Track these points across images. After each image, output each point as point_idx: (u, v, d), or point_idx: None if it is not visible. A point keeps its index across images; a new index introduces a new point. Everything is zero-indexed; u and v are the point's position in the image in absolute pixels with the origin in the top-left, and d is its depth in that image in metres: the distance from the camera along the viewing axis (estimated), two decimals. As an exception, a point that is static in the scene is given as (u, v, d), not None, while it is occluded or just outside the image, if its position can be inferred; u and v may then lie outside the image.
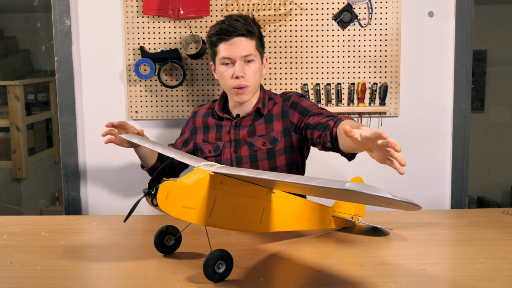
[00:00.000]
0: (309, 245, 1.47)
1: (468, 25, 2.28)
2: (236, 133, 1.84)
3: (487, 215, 1.75)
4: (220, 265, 1.20)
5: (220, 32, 1.74)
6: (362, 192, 0.94)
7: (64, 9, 2.26)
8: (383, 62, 2.28)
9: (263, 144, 1.81)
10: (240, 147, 1.84)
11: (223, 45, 1.75)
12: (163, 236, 1.39)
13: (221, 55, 1.76)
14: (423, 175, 2.36)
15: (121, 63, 2.30)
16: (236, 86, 1.75)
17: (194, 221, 1.24)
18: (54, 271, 1.30)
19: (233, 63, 1.75)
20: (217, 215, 1.26)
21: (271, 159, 1.82)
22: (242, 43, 1.74)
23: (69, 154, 2.33)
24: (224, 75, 1.77)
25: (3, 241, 1.53)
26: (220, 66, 1.78)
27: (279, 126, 1.81)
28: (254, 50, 1.76)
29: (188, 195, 1.21)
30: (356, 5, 2.24)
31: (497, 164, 4.38)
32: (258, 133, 1.83)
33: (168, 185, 1.20)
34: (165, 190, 1.19)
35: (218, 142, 1.87)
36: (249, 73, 1.75)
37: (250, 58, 1.75)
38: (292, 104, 1.81)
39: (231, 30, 1.73)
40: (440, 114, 2.34)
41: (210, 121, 1.91)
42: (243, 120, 1.84)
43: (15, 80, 3.69)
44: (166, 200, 1.20)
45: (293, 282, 1.22)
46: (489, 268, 1.29)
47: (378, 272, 1.27)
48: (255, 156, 1.83)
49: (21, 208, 3.68)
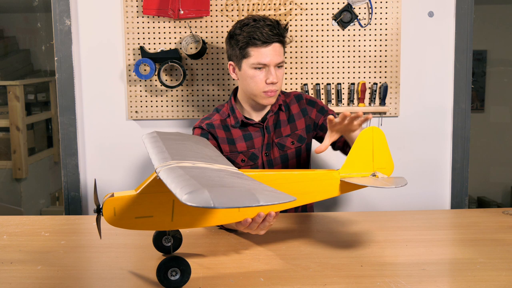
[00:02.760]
0: (309, 245, 1.47)
1: (468, 25, 2.28)
2: (268, 137, 1.86)
3: (487, 215, 1.75)
4: (174, 272, 1.18)
5: (256, 37, 1.72)
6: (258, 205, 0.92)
7: (64, 9, 2.26)
8: (383, 62, 2.28)
9: (292, 143, 1.87)
10: (270, 150, 1.87)
11: (256, 50, 1.73)
12: (161, 236, 1.37)
13: (255, 60, 1.74)
14: (423, 175, 2.36)
15: (121, 63, 2.30)
16: (268, 90, 1.76)
17: (155, 228, 1.20)
18: (54, 271, 1.30)
19: (265, 68, 1.75)
20: (181, 216, 1.20)
21: (298, 157, 1.89)
22: (277, 49, 1.75)
23: (69, 154, 2.33)
24: (256, 79, 1.76)
25: (3, 241, 1.53)
26: (250, 70, 1.76)
27: (302, 124, 1.88)
28: (283, 55, 1.80)
29: (138, 205, 1.17)
30: (356, 5, 2.24)
31: (497, 164, 4.38)
32: (284, 134, 1.87)
33: (112, 201, 1.16)
34: (110, 207, 1.16)
35: (251, 150, 1.85)
36: (279, 78, 1.78)
37: (281, 64, 1.78)
38: (308, 102, 1.91)
39: (268, 37, 1.72)
40: (440, 114, 2.34)
41: (235, 132, 1.86)
42: (269, 120, 1.87)
43: (15, 80, 3.69)
44: (115, 216, 1.16)
45: (293, 282, 1.22)
46: (489, 268, 1.29)
47: (378, 272, 1.27)
48: (285, 156, 1.88)
49: (21, 208, 3.68)
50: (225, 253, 1.41)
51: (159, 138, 1.39)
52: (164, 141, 1.35)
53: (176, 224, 1.21)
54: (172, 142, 1.36)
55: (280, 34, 1.75)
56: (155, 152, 1.24)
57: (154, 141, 1.35)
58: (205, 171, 1.10)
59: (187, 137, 1.52)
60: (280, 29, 1.76)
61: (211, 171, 1.12)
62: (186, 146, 1.36)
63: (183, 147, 1.34)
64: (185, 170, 1.05)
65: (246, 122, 1.85)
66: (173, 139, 1.42)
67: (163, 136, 1.42)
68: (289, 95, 1.92)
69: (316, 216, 1.76)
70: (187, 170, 1.05)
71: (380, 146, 1.43)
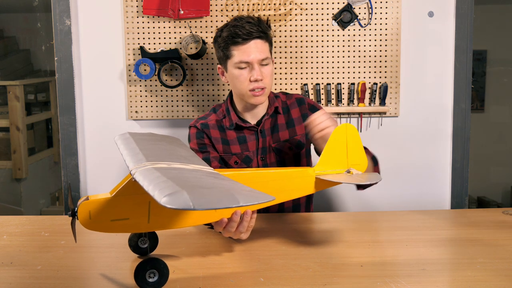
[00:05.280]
0: (309, 245, 1.47)
1: (468, 25, 2.28)
2: (264, 141, 1.82)
3: (487, 215, 1.75)
4: (152, 274, 1.17)
5: (235, 35, 1.70)
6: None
7: (64, 9, 2.26)
8: (383, 62, 2.28)
9: (290, 149, 1.82)
10: (266, 154, 1.83)
11: (238, 49, 1.71)
12: (137, 238, 1.36)
13: (237, 59, 1.71)
14: (423, 175, 2.36)
15: (121, 63, 2.30)
16: (254, 88, 1.72)
17: (132, 230, 1.19)
18: (54, 271, 1.30)
19: (249, 66, 1.72)
20: (157, 217, 1.19)
21: (297, 163, 1.85)
22: (259, 46, 1.71)
23: (69, 154, 2.33)
24: (240, 79, 1.72)
25: (3, 241, 1.53)
26: (234, 70, 1.73)
27: (302, 130, 1.82)
28: (268, 52, 1.74)
29: (113, 208, 1.16)
30: (356, 5, 2.24)
31: (497, 164, 4.38)
32: (282, 139, 1.82)
33: (87, 204, 1.15)
34: (85, 210, 1.15)
35: (245, 152, 1.82)
36: (266, 75, 1.73)
37: (266, 61, 1.73)
38: (311, 107, 1.85)
39: (247, 33, 1.69)
40: (440, 114, 2.34)
41: (230, 134, 1.83)
42: (265, 123, 1.82)
43: (15, 80, 3.70)
44: (90, 219, 1.15)
45: (293, 282, 1.22)
46: (489, 268, 1.29)
47: (378, 272, 1.27)
48: (282, 162, 1.83)
49: (21, 208, 3.68)
50: (225, 253, 1.41)
51: (132, 139, 1.36)
52: (138, 142, 1.33)
53: (152, 226, 1.20)
54: (146, 143, 1.34)
55: (260, 30, 1.70)
56: (129, 154, 1.21)
57: (127, 143, 1.33)
58: (182, 172, 1.09)
59: (160, 138, 1.50)
60: (261, 25, 1.72)
61: (187, 172, 1.10)
62: (160, 147, 1.34)
63: (157, 148, 1.32)
64: (162, 172, 1.03)
65: (240, 125, 1.82)
66: (146, 140, 1.39)
67: (136, 137, 1.39)
68: (291, 97, 1.88)
69: (315, 216, 1.76)
70: (163, 172, 1.04)
71: (353, 142, 1.44)
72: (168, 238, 1.50)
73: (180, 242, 1.49)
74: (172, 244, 1.47)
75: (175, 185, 0.93)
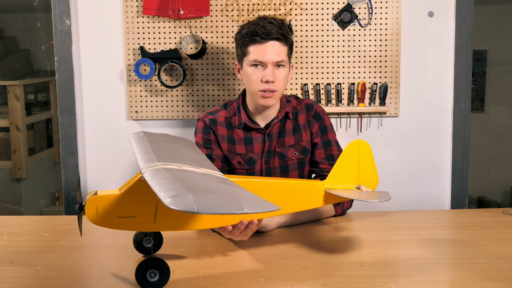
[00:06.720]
0: (309, 245, 1.47)
1: (468, 25, 2.28)
2: (270, 144, 1.81)
3: (487, 215, 1.75)
4: (153, 273, 1.17)
5: (254, 33, 1.69)
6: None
7: (64, 9, 2.26)
8: (383, 62, 2.28)
9: (294, 155, 1.81)
10: (271, 158, 1.82)
11: (255, 47, 1.70)
12: (142, 237, 1.36)
13: (253, 57, 1.70)
14: (423, 175, 2.36)
15: (121, 63, 2.30)
16: (263, 89, 1.70)
17: (137, 229, 1.19)
18: (54, 271, 1.30)
19: (263, 67, 1.71)
20: (163, 217, 1.19)
21: (300, 169, 1.84)
22: (276, 48, 1.69)
23: (69, 154, 2.33)
24: (252, 77, 1.71)
25: (3, 241, 1.53)
26: (248, 68, 1.72)
27: (308, 136, 1.82)
28: (285, 56, 1.73)
29: (121, 205, 1.16)
30: (356, 5, 2.24)
31: (497, 164, 4.38)
32: (287, 144, 1.82)
33: (95, 199, 1.15)
34: (93, 205, 1.15)
35: (250, 154, 1.82)
36: (278, 78, 1.71)
37: (282, 63, 1.71)
38: (315, 115, 1.83)
39: (266, 33, 1.68)
40: (440, 114, 2.34)
41: (237, 133, 1.82)
42: (273, 127, 1.81)
43: (15, 80, 3.70)
44: (97, 214, 1.16)
45: (293, 282, 1.22)
46: (489, 268, 1.29)
47: (378, 272, 1.27)
48: (286, 167, 1.82)
49: (21, 208, 3.68)
50: (225, 253, 1.41)
51: (146, 138, 1.38)
52: (151, 142, 1.34)
53: (158, 226, 1.20)
54: (159, 143, 1.35)
55: (280, 33, 1.69)
56: (141, 153, 1.22)
57: (141, 141, 1.34)
58: (191, 174, 1.10)
59: (174, 139, 1.50)
60: (283, 28, 1.71)
61: (196, 175, 1.11)
62: (173, 148, 1.35)
63: (170, 149, 1.33)
64: (171, 173, 1.04)
65: (249, 126, 1.81)
66: (160, 140, 1.40)
67: (150, 137, 1.40)
68: (301, 103, 1.86)
69: (316, 216, 1.76)
70: (172, 173, 1.04)
71: (366, 159, 1.44)
72: (168, 238, 1.50)
73: (181, 242, 1.49)
74: (173, 244, 1.47)
75: (182, 187, 0.94)
